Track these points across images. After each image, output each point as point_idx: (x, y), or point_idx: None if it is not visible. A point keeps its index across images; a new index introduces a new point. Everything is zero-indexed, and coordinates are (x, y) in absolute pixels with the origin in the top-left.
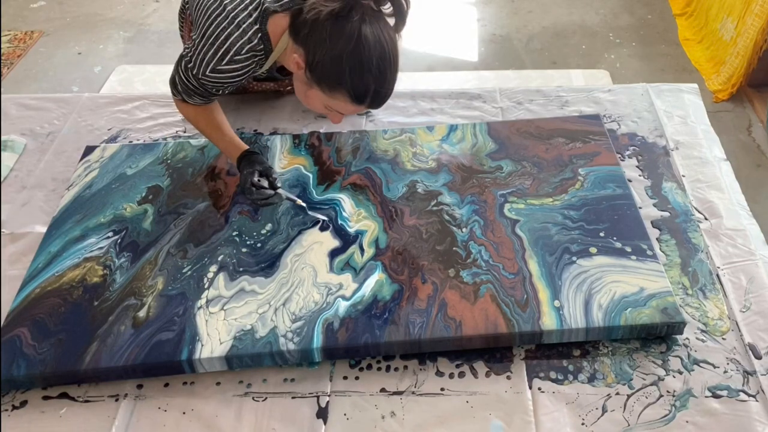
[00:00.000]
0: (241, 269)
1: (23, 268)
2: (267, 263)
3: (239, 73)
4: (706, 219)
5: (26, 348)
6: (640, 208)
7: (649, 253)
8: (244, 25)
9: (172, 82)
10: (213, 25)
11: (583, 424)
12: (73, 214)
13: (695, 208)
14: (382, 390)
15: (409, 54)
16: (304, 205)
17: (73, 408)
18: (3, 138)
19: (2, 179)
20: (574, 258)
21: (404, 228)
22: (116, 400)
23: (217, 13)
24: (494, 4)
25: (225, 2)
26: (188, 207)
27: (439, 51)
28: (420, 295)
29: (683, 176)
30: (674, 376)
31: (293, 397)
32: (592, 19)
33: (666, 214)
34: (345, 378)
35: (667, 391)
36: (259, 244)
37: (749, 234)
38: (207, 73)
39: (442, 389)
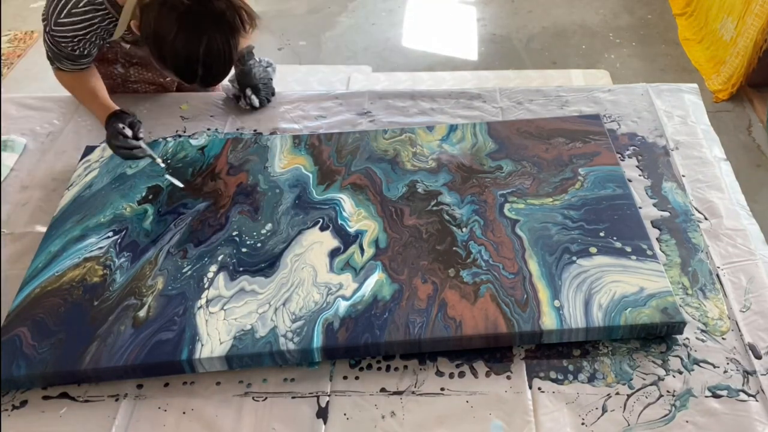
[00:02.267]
0: (241, 269)
1: (23, 268)
2: (267, 263)
3: (82, 26)
4: (706, 219)
5: (26, 348)
6: (640, 208)
7: (649, 253)
8: None
9: (47, 54)
10: None
11: (583, 423)
12: (73, 214)
13: (695, 208)
14: (382, 390)
15: (409, 54)
16: (162, 165)
17: (73, 408)
18: (3, 138)
19: (2, 179)
20: (574, 258)
21: (404, 228)
22: (116, 400)
23: None
24: (494, 4)
25: None
26: (188, 207)
27: (439, 51)
28: (420, 295)
29: (683, 176)
30: (674, 376)
31: (293, 397)
32: (592, 19)
33: (666, 214)
34: (345, 378)
35: (667, 391)
36: (259, 244)
37: (749, 234)
38: (53, 27)
39: (442, 389)
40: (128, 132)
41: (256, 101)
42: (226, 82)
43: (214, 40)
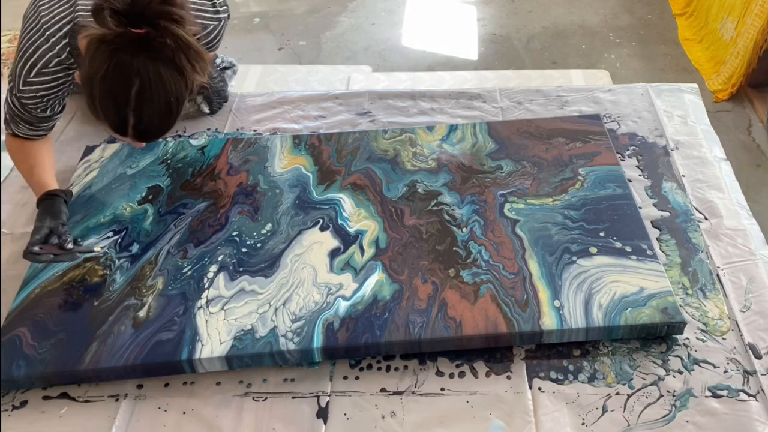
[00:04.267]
0: (241, 269)
1: (23, 268)
2: (267, 263)
3: (51, 85)
4: (706, 219)
5: (26, 348)
6: (640, 208)
7: (649, 253)
8: (53, 39)
9: (4, 116)
10: (26, 38)
11: (583, 423)
12: (73, 214)
13: (695, 208)
14: (382, 390)
15: (409, 54)
16: (99, 252)
17: (73, 408)
18: (3, 138)
19: (2, 179)
20: (574, 258)
21: (404, 228)
22: (116, 400)
23: (31, 26)
24: (494, 4)
25: (41, 14)
26: (188, 207)
27: (439, 51)
28: (420, 295)
29: (683, 176)
30: (674, 376)
31: (293, 397)
32: (592, 19)
33: (666, 214)
34: (345, 378)
35: (667, 391)
36: (259, 244)
37: (749, 234)
38: (21, 87)
39: (442, 389)
40: (42, 248)
41: (206, 109)
42: None
43: (147, 82)
